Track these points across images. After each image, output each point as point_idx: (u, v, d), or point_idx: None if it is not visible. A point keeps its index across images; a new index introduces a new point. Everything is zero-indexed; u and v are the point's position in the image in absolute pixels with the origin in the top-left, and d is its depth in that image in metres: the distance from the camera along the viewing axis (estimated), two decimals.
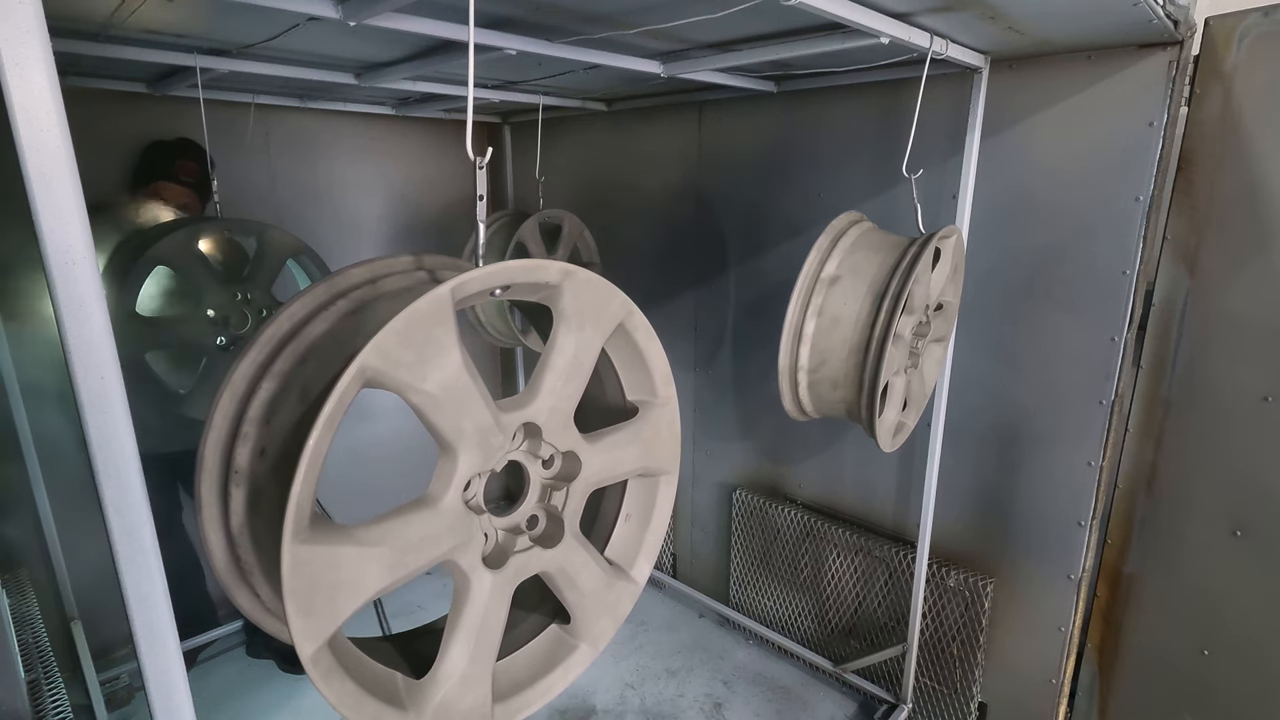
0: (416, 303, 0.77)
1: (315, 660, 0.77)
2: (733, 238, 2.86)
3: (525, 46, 1.76)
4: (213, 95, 2.43)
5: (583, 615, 1.06)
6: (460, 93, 2.53)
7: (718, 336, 3.02)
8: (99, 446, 0.66)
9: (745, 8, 1.42)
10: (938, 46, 1.70)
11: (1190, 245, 1.92)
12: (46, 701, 1.71)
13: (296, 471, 0.72)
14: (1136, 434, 2.08)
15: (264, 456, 0.93)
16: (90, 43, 1.76)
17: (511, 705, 1.01)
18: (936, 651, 2.48)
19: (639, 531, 1.16)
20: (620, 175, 3.22)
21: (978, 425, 2.30)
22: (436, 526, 0.86)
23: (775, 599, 2.98)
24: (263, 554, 0.96)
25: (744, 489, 3.03)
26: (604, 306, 0.97)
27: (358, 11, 1.43)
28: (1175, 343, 1.97)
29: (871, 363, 1.60)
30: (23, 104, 0.58)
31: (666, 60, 2.08)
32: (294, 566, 0.73)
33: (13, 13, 0.57)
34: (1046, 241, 2.06)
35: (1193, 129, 1.86)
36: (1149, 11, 1.52)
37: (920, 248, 1.61)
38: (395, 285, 1.07)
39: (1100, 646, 2.26)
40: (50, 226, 0.61)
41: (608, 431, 1.05)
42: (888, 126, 2.33)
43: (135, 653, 0.73)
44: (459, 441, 0.86)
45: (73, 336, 0.63)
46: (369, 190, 3.31)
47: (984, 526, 2.35)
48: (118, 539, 0.69)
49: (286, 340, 0.97)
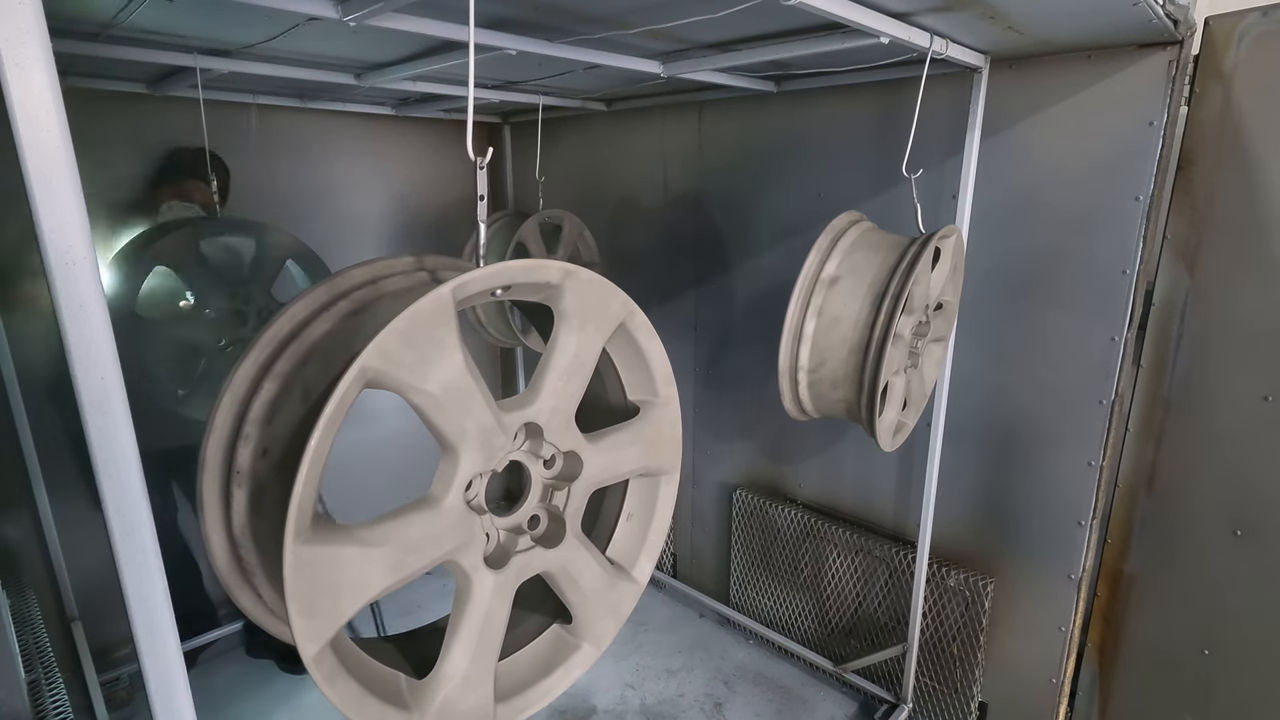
0: (418, 303, 0.77)
1: (318, 661, 0.77)
2: (733, 237, 2.86)
3: (525, 46, 1.75)
4: (213, 95, 2.42)
5: (585, 615, 1.06)
6: (460, 93, 2.53)
7: (718, 336, 3.01)
8: (99, 446, 0.66)
9: (745, 8, 1.42)
10: (938, 46, 1.70)
11: (1190, 245, 1.92)
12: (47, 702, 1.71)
13: (298, 472, 0.72)
14: (1136, 434, 2.08)
15: (266, 457, 0.93)
16: (90, 43, 1.75)
17: (514, 705, 1.01)
18: (937, 651, 2.48)
19: (640, 531, 1.16)
20: (620, 175, 3.22)
21: (978, 425, 2.30)
22: (438, 527, 0.86)
23: (775, 599, 2.98)
24: (265, 555, 0.96)
25: (744, 489, 3.03)
26: (605, 306, 0.97)
27: (358, 11, 1.43)
28: (1175, 343, 1.97)
29: (871, 362, 1.60)
30: (23, 104, 0.58)
31: (666, 60, 2.08)
32: (296, 567, 0.73)
33: (13, 13, 0.57)
34: (1046, 241, 2.06)
35: (1193, 129, 1.86)
36: (1149, 11, 1.52)
37: (920, 247, 1.60)
38: (396, 286, 1.07)
39: (1100, 646, 2.26)
40: (50, 226, 0.61)
41: (609, 431, 1.05)
42: (888, 126, 2.33)
43: (135, 653, 0.72)
44: (460, 442, 0.86)
45: (73, 336, 0.63)
46: (369, 190, 3.31)
47: (984, 526, 2.35)
48: (118, 539, 0.69)
49: (288, 341, 0.97)
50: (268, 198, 2.95)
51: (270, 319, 0.97)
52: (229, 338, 2.27)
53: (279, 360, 0.96)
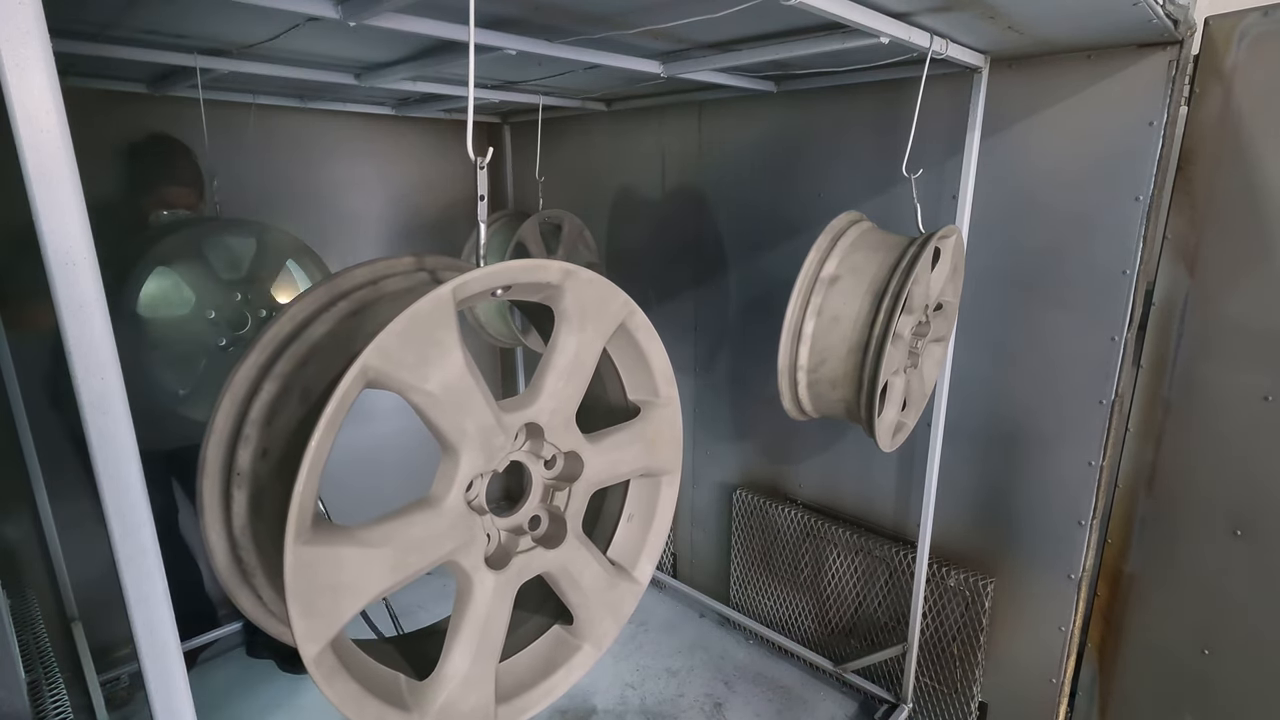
0: (418, 303, 0.77)
1: (318, 661, 0.77)
2: (732, 237, 2.85)
3: (525, 46, 1.75)
4: (213, 95, 2.42)
5: (585, 616, 1.06)
6: (460, 93, 2.52)
7: (718, 336, 3.01)
8: (99, 446, 0.66)
9: (745, 8, 1.42)
10: (938, 46, 1.70)
11: (1190, 245, 1.92)
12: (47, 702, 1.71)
13: (299, 473, 0.72)
14: (1136, 434, 2.08)
15: (266, 458, 0.93)
16: (90, 43, 1.75)
17: (514, 706, 1.01)
18: (937, 651, 2.48)
19: (641, 532, 1.16)
20: (620, 175, 3.22)
21: (978, 425, 2.30)
22: (439, 527, 0.86)
23: (775, 599, 2.98)
24: (265, 556, 0.96)
25: (744, 489, 3.03)
26: (605, 306, 0.97)
27: (358, 11, 1.43)
28: (1175, 343, 1.97)
29: (871, 362, 1.60)
30: (23, 104, 0.58)
31: (666, 60, 2.08)
32: (296, 568, 0.73)
33: (13, 13, 0.57)
34: (1046, 241, 2.06)
35: (1193, 129, 1.86)
36: (1149, 11, 1.52)
37: (920, 247, 1.60)
38: (397, 286, 1.07)
39: (1100, 646, 2.26)
40: (50, 227, 0.61)
41: (610, 431, 1.05)
42: (888, 126, 2.33)
43: (135, 653, 0.72)
44: (461, 442, 0.86)
45: (73, 337, 0.63)
46: (369, 190, 3.31)
47: (984, 526, 2.35)
48: (118, 539, 0.69)
49: (288, 342, 0.97)
50: (268, 198, 2.95)
51: (270, 319, 0.97)
52: (229, 338, 2.26)
53: (279, 361, 0.96)
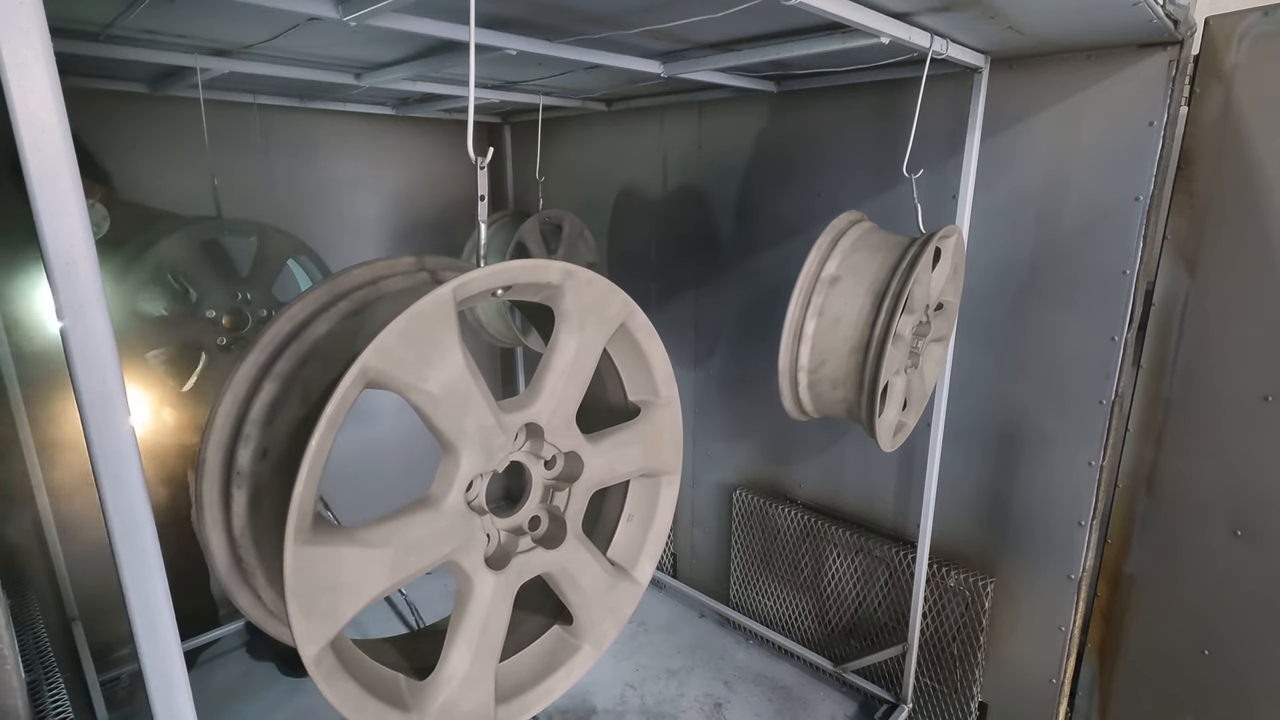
0: (419, 303, 0.77)
1: (318, 662, 0.77)
2: (733, 238, 2.85)
3: (525, 46, 1.75)
4: (213, 95, 2.42)
5: (585, 616, 1.06)
6: (460, 93, 2.52)
7: (718, 336, 3.01)
8: (99, 447, 0.66)
9: (745, 8, 1.42)
10: (938, 46, 1.69)
11: (1190, 245, 1.91)
12: (47, 702, 1.71)
13: (299, 473, 0.72)
14: (1136, 434, 2.08)
15: (266, 458, 0.93)
16: (90, 43, 1.75)
17: (514, 706, 1.01)
18: (937, 651, 2.48)
19: (641, 532, 1.16)
20: (620, 175, 3.22)
21: (978, 425, 2.30)
22: (439, 527, 0.86)
23: (775, 599, 2.98)
24: (265, 556, 0.96)
25: (744, 489, 3.03)
26: (605, 306, 0.97)
27: (358, 11, 1.43)
28: (1175, 343, 1.97)
29: (871, 362, 1.59)
30: (23, 104, 0.58)
31: (666, 60, 2.08)
32: (296, 568, 0.73)
33: (13, 13, 0.57)
34: (1047, 241, 2.06)
35: (1193, 129, 1.86)
36: (1149, 11, 1.52)
37: (920, 248, 1.60)
38: (397, 286, 1.07)
39: (1100, 646, 2.26)
40: (50, 227, 0.61)
41: (610, 432, 1.05)
42: (888, 126, 2.33)
43: (135, 653, 0.72)
44: (461, 442, 0.86)
45: (73, 336, 0.63)
46: (369, 190, 3.31)
47: (984, 526, 2.35)
48: (118, 539, 0.69)
49: (288, 341, 0.97)
50: (268, 197, 2.95)
51: (270, 319, 0.97)
52: (229, 338, 2.26)
53: (279, 360, 0.96)
